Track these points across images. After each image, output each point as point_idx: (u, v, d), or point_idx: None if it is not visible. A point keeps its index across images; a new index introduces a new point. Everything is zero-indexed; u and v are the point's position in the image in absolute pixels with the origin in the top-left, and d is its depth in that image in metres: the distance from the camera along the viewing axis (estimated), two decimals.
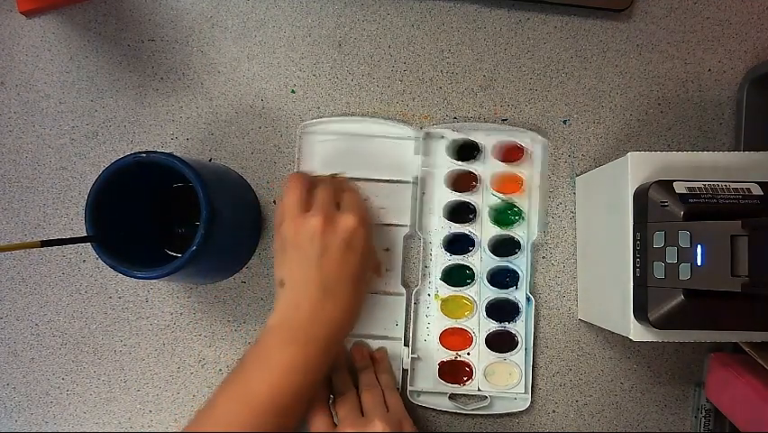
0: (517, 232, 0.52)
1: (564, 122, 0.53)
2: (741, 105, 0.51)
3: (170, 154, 0.44)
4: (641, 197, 0.39)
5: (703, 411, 0.50)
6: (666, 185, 0.38)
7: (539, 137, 0.52)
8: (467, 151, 0.52)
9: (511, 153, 0.52)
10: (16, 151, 0.55)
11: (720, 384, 0.47)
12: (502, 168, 0.52)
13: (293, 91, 0.54)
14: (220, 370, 0.54)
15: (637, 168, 0.40)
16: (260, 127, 0.54)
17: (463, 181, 0.52)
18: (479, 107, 0.53)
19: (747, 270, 0.34)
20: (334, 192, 0.45)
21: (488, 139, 0.52)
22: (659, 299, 0.37)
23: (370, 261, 0.43)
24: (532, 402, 0.51)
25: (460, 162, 0.52)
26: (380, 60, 0.54)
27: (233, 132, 0.54)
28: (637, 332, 0.40)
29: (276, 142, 0.54)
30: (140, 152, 0.44)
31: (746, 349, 0.44)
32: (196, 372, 0.54)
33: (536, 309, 0.52)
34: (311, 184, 0.45)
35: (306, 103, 0.54)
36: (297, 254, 0.41)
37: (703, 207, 0.37)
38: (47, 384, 0.54)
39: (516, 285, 0.51)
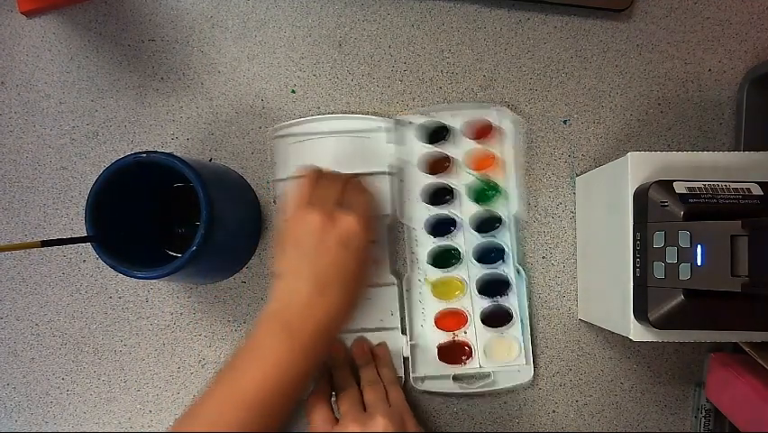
0: (498, 208, 0.52)
1: (564, 122, 0.53)
2: (741, 105, 0.51)
3: (170, 154, 0.44)
4: (641, 197, 0.39)
5: (703, 411, 0.50)
6: (666, 185, 0.38)
7: (508, 112, 0.52)
8: (438, 133, 0.52)
9: (481, 131, 0.52)
10: (17, 151, 0.55)
11: (720, 384, 0.47)
12: (473, 146, 0.52)
13: (293, 91, 0.54)
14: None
15: (637, 168, 0.40)
16: (260, 127, 0.54)
17: (438, 164, 0.52)
18: None
19: (747, 270, 0.34)
20: (343, 190, 0.45)
21: (456, 120, 0.52)
22: (659, 299, 0.37)
23: (368, 261, 0.43)
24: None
25: (431, 146, 0.52)
26: (380, 60, 0.54)
27: (233, 132, 0.54)
28: (637, 332, 0.40)
29: None
30: (140, 152, 0.44)
31: (746, 349, 0.44)
32: (196, 372, 0.54)
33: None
34: (321, 180, 0.45)
35: (306, 103, 0.54)
36: (295, 248, 0.42)
37: (703, 207, 0.37)
38: (47, 384, 0.54)
39: (503, 259, 0.52)
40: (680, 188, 0.37)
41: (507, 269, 0.52)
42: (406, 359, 0.52)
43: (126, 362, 0.54)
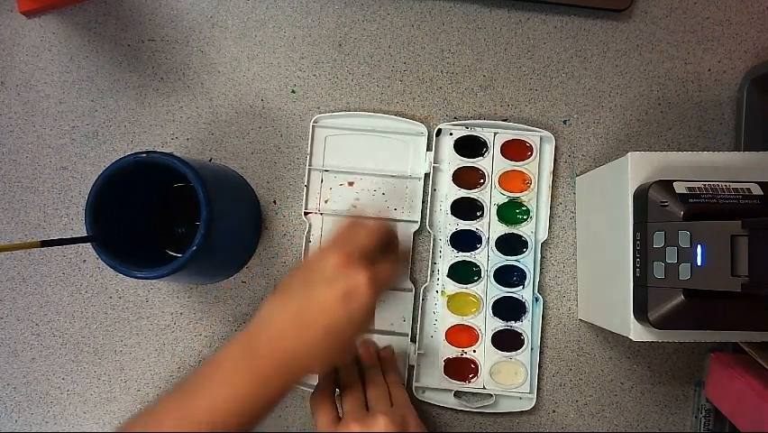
0: (524, 230, 0.52)
1: (564, 122, 0.53)
2: (741, 105, 0.51)
3: (170, 154, 0.44)
4: (641, 197, 0.39)
5: (703, 411, 0.50)
6: (666, 185, 0.38)
7: (552, 139, 0.52)
8: (476, 148, 0.52)
9: (520, 152, 0.52)
10: (16, 151, 0.55)
11: (720, 384, 0.47)
12: (510, 167, 0.52)
13: (293, 91, 0.54)
14: None
15: (637, 168, 0.40)
16: (260, 127, 0.54)
17: (471, 178, 0.52)
18: (479, 107, 0.53)
19: (747, 270, 0.34)
20: (377, 241, 0.41)
21: (497, 137, 0.52)
22: (659, 299, 0.37)
23: (360, 328, 0.39)
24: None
25: (467, 159, 0.52)
26: (380, 60, 0.54)
27: (233, 132, 0.54)
28: (637, 332, 0.40)
29: (276, 142, 0.54)
30: (140, 152, 0.44)
31: (746, 349, 0.44)
32: None
33: (543, 309, 0.52)
34: (357, 224, 0.42)
35: (306, 103, 0.54)
36: (301, 278, 0.40)
37: (703, 207, 0.37)
38: (47, 384, 0.54)
39: (523, 284, 0.51)
40: (680, 188, 0.37)
41: (526, 294, 0.51)
42: (411, 367, 0.52)
43: (126, 362, 0.54)
